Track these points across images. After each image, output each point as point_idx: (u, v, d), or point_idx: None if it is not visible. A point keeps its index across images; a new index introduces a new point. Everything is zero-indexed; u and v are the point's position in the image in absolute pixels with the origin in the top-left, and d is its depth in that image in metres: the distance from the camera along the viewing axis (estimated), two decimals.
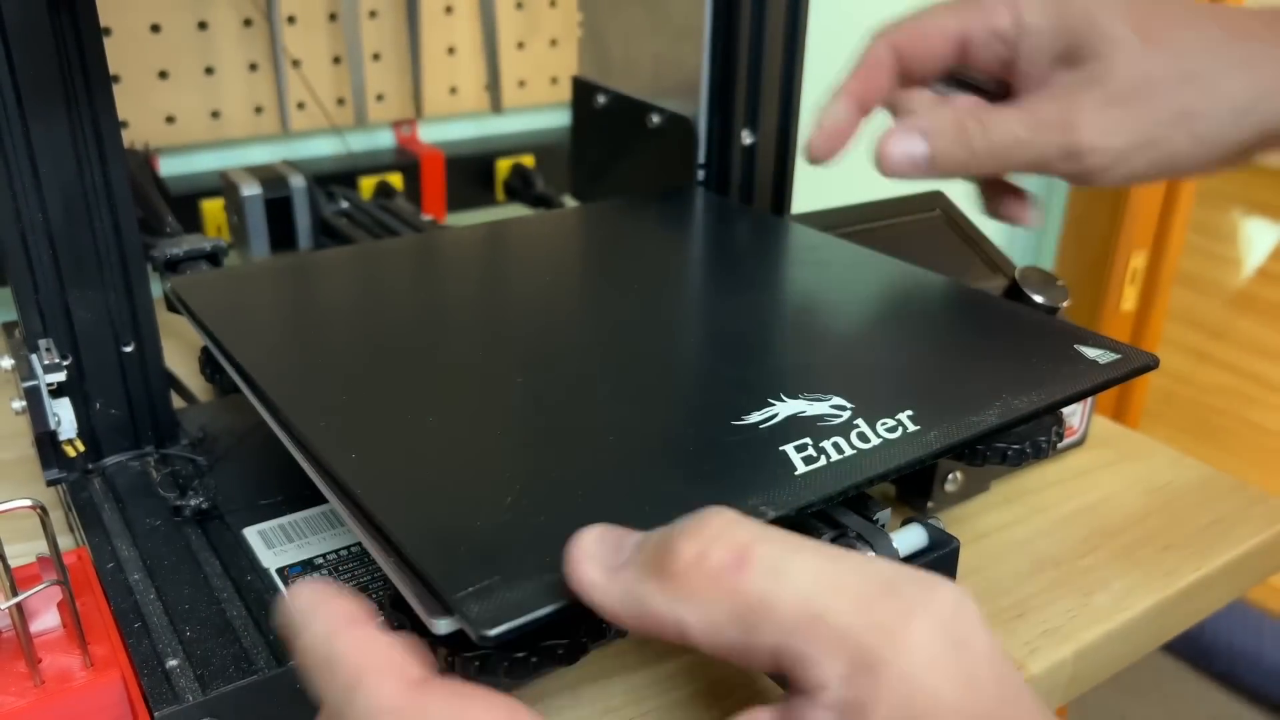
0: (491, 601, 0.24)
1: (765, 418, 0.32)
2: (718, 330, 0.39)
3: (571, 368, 0.37)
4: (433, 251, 0.47)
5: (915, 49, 0.43)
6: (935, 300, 0.42)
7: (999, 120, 0.40)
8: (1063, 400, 0.34)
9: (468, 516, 0.27)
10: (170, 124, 0.71)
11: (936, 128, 0.41)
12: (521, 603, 0.24)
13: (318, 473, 0.31)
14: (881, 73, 0.43)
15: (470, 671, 0.27)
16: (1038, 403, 0.34)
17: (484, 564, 0.25)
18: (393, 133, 0.81)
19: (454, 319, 0.41)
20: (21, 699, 0.31)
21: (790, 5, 0.53)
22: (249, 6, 0.71)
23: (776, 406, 0.33)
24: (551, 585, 0.25)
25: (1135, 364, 0.36)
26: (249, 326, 0.39)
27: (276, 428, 0.33)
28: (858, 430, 0.32)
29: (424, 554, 0.26)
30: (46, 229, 0.38)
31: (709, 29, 0.54)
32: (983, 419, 0.32)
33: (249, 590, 0.35)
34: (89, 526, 0.38)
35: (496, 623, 0.24)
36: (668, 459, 0.30)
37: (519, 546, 0.26)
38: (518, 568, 0.25)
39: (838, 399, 0.33)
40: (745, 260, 0.47)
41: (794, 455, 0.30)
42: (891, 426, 0.32)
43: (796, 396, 0.33)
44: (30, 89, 0.36)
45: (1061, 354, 0.37)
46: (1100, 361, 0.36)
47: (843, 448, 0.31)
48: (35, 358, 0.39)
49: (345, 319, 0.41)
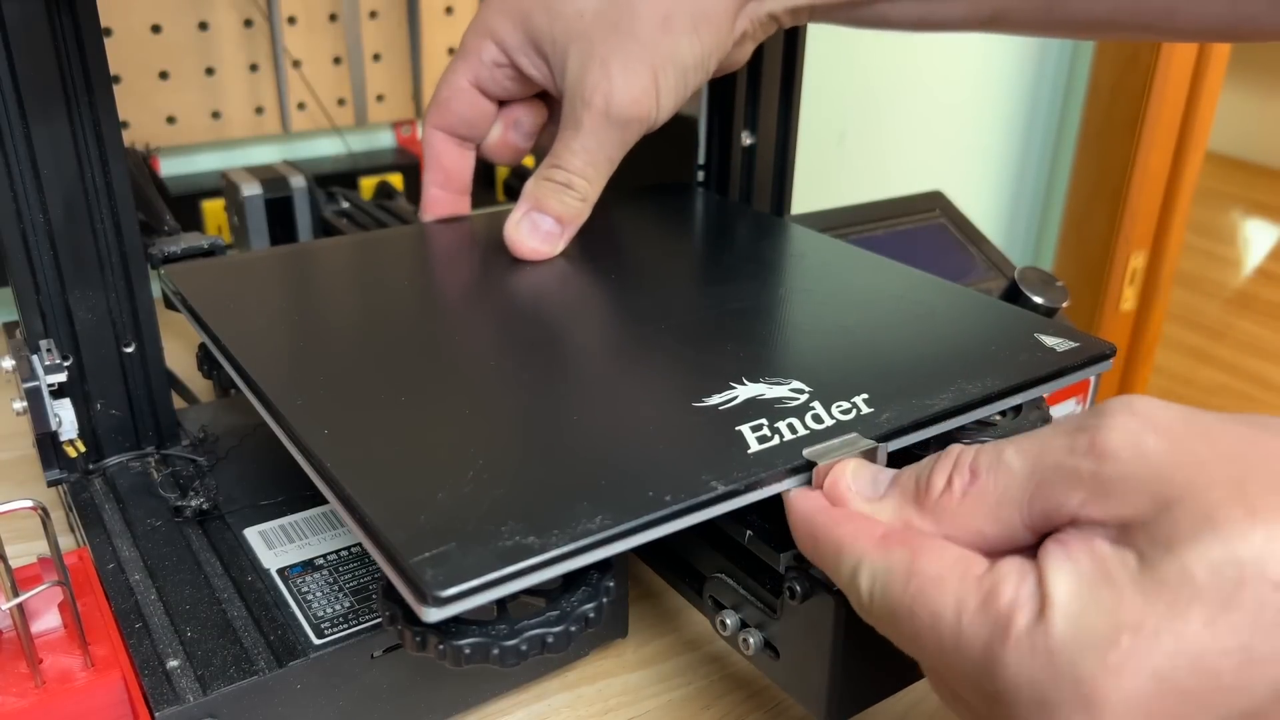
0: (446, 566, 0.25)
1: (725, 400, 0.33)
2: (691, 319, 0.40)
3: (544, 353, 0.38)
4: (425, 242, 0.48)
5: (454, 120, 0.47)
6: (905, 291, 0.43)
7: None
8: (1017, 386, 0.35)
9: (430, 489, 0.28)
10: (171, 124, 0.71)
11: (538, 194, 0.45)
12: (475, 566, 0.25)
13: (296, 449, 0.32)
14: (448, 155, 0.48)
15: (460, 658, 0.27)
16: (991, 388, 0.34)
17: (442, 532, 0.26)
18: (393, 133, 0.81)
19: (437, 307, 0.42)
20: (22, 699, 0.31)
21: None
22: (250, 7, 0.71)
23: (737, 390, 0.34)
24: (505, 551, 0.26)
25: (1092, 352, 0.37)
26: (238, 311, 0.40)
27: (259, 407, 0.34)
28: (813, 412, 0.32)
29: (385, 521, 0.27)
30: (47, 229, 0.38)
31: None
32: (935, 402, 0.33)
33: (250, 590, 0.35)
34: (90, 527, 0.38)
35: (450, 584, 0.25)
36: (627, 437, 0.31)
37: (477, 517, 0.27)
38: (474, 536, 0.26)
39: (797, 383, 0.34)
40: (722, 253, 0.48)
41: (749, 434, 0.31)
42: (846, 409, 0.33)
43: (757, 380, 0.34)
44: (31, 89, 0.36)
45: (1020, 342, 0.37)
46: (1058, 350, 0.37)
47: (796, 428, 0.32)
48: (36, 358, 0.39)
49: (333, 304, 0.42)
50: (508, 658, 0.28)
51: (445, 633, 0.27)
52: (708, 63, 0.44)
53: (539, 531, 0.26)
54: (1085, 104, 1.24)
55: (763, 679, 0.38)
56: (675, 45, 0.42)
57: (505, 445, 0.31)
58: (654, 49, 0.42)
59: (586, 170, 0.44)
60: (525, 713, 0.37)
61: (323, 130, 0.77)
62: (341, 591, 0.35)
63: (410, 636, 0.28)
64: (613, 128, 0.43)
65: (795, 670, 0.31)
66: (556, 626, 0.28)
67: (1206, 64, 1.23)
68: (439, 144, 0.48)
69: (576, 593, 0.29)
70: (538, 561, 0.26)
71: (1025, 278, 0.51)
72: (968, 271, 0.64)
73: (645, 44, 0.42)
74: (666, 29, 0.42)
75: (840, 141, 1.07)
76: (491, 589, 0.25)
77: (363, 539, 0.28)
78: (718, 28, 0.43)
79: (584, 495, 0.28)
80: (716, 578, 0.34)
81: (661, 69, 0.42)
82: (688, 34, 0.42)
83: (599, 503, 0.28)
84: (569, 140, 0.44)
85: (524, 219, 0.45)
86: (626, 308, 0.42)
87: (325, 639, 0.32)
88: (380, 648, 0.33)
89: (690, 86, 0.44)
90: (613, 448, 0.31)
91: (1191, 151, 1.27)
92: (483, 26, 0.45)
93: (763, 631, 0.32)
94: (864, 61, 1.05)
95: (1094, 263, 1.29)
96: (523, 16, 0.44)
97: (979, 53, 1.15)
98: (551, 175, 0.45)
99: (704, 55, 0.43)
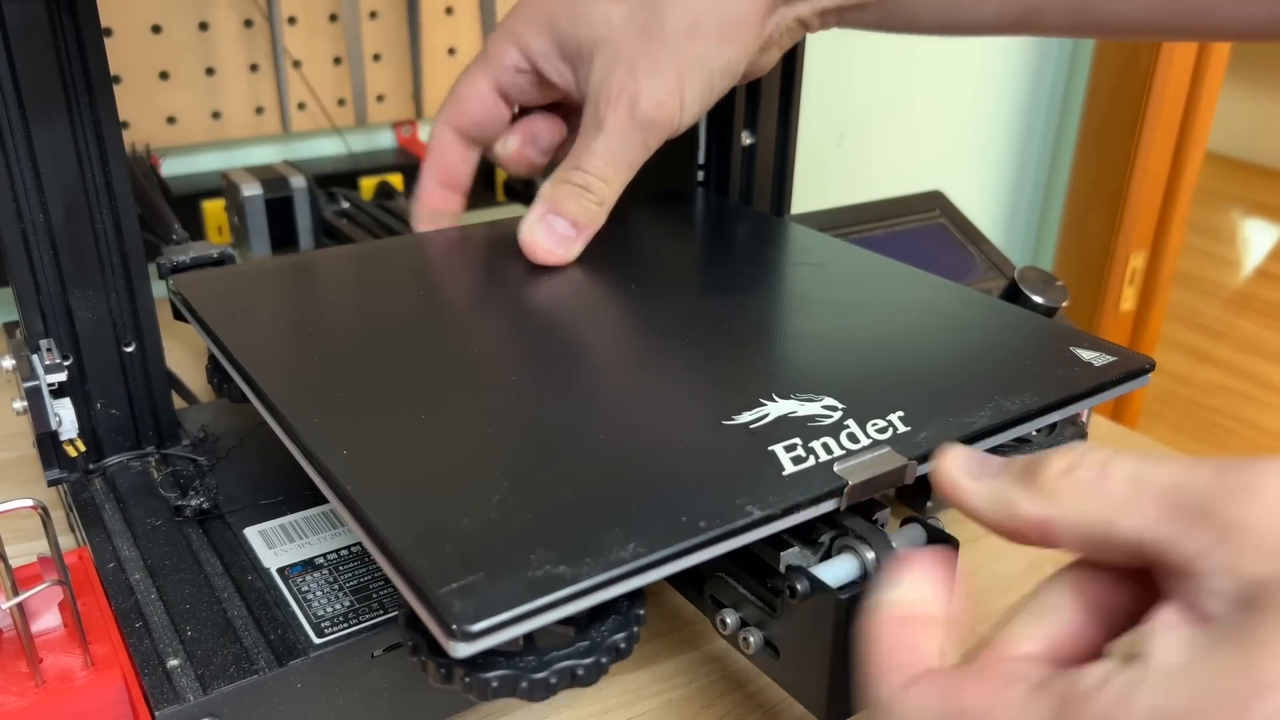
0: (475, 598, 0.24)
1: (756, 418, 0.32)
2: (712, 330, 0.39)
3: (565, 367, 0.36)
4: (432, 251, 0.48)
5: (467, 120, 0.47)
6: (931, 301, 0.42)
7: None
8: (1057, 403, 0.34)
9: (455, 514, 0.27)
10: (171, 124, 0.71)
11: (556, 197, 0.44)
12: (505, 598, 0.24)
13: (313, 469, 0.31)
14: (453, 153, 0.48)
15: (487, 691, 0.26)
16: (1030, 405, 0.33)
17: (469, 560, 0.25)
18: (393, 133, 0.81)
19: (452, 318, 0.41)
20: (23, 699, 0.31)
21: None
22: (250, 7, 0.71)
23: (767, 407, 0.33)
24: (536, 582, 0.25)
25: (1130, 367, 0.36)
26: (249, 323, 0.39)
27: (272, 423, 0.33)
28: (848, 431, 0.32)
29: (409, 549, 0.26)
30: (48, 229, 0.38)
31: None
32: (973, 420, 0.32)
33: (250, 590, 0.35)
34: (90, 526, 0.38)
35: (479, 618, 0.23)
36: (656, 458, 0.30)
37: (505, 544, 0.26)
38: (503, 565, 0.25)
39: (829, 399, 0.33)
40: (742, 261, 0.47)
41: (783, 455, 0.30)
42: (882, 427, 0.32)
43: (788, 397, 0.33)
44: (31, 90, 0.36)
45: (1056, 356, 0.36)
46: (1095, 364, 0.36)
47: (832, 448, 0.31)
48: (36, 358, 0.39)
49: (345, 318, 0.41)
50: (536, 691, 0.27)
51: (471, 665, 0.26)
52: (734, 69, 0.43)
53: (570, 560, 0.25)
54: (1085, 104, 1.24)
55: (762, 678, 0.38)
56: (702, 51, 0.42)
57: (530, 466, 0.30)
58: (681, 54, 0.42)
59: (605, 172, 0.44)
60: (525, 712, 0.37)
61: (323, 130, 0.77)
62: (342, 591, 0.35)
63: (434, 668, 0.27)
64: (636, 130, 0.43)
65: (795, 669, 0.31)
66: (587, 658, 0.27)
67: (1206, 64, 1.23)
68: (447, 140, 0.48)
69: (606, 621, 0.28)
70: (570, 593, 0.25)
71: (1025, 278, 0.51)
72: (967, 271, 0.64)
73: (672, 49, 0.42)
74: (694, 34, 0.42)
75: (840, 141, 1.07)
76: (522, 622, 0.24)
77: (385, 566, 0.26)
78: (745, 34, 0.43)
79: (615, 521, 0.27)
80: (717, 576, 0.34)
81: (688, 74, 0.42)
82: (715, 40, 0.42)
83: (631, 529, 0.27)
84: (590, 141, 0.43)
85: (539, 222, 0.44)
86: (647, 320, 0.41)
87: (325, 638, 0.32)
88: (380, 647, 0.33)
89: (716, 92, 0.44)
90: (642, 469, 0.30)
91: (1191, 151, 1.27)
92: (508, 31, 0.45)
93: (763, 630, 0.32)
94: (864, 61, 1.05)
95: (1094, 263, 1.29)
96: (549, 22, 0.44)
97: (979, 53, 1.15)
98: (570, 177, 0.44)
99: (731, 61, 0.43)
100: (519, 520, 0.27)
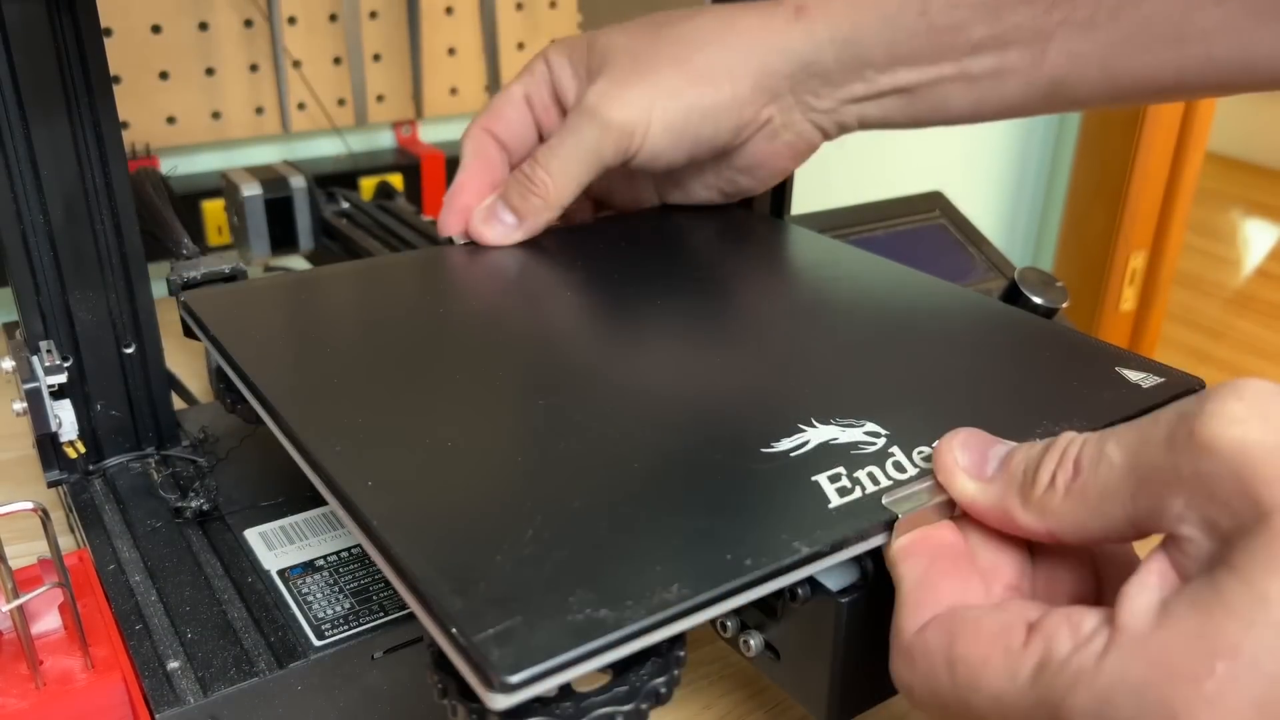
0: (514, 645, 0.23)
1: (796, 445, 0.31)
2: (746, 351, 0.38)
3: (593, 389, 0.35)
4: (449, 266, 0.46)
5: (500, 124, 0.48)
6: (965, 317, 0.40)
7: None
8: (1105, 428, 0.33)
9: (488, 551, 0.26)
10: (171, 124, 0.71)
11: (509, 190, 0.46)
12: (546, 646, 0.23)
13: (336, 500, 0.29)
14: (489, 156, 0.48)
15: None
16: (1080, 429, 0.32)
17: (505, 603, 0.24)
18: (393, 133, 0.81)
19: (472, 337, 0.39)
20: (23, 701, 0.31)
21: None
22: (250, 7, 0.71)
23: (807, 433, 0.31)
24: (577, 627, 0.23)
25: (1179, 388, 0.34)
26: (263, 343, 0.37)
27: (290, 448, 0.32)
28: (894, 459, 0.30)
29: (441, 590, 0.24)
30: (48, 230, 0.38)
31: None
32: None
33: (250, 592, 0.35)
34: (90, 528, 0.38)
35: (519, 668, 0.22)
36: (696, 489, 0.29)
37: (542, 584, 0.25)
38: (541, 608, 0.24)
39: (871, 424, 0.32)
40: (762, 272, 0.46)
41: (827, 486, 0.29)
42: (928, 455, 0.30)
43: (828, 422, 0.32)
44: (31, 90, 0.36)
45: (1103, 377, 0.35)
46: (1143, 385, 0.35)
47: (878, 478, 0.29)
48: (36, 359, 0.39)
49: (362, 337, 0.39)
50: None
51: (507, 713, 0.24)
52: (717, 118, 0.44)
53: (611, 602, 0.24)
54: None
55: (763, 679, 0.38)
56: (683, 84, 0.44)
57: (564, 498, 0.28)
58: (660, 80, 0.44)
59: (554, 167, 0.45)
60: None
61: (323, 130, 0.77)
62: (342, 593, 0.35)
63: (466, 714, 0.25)
64: (593, 129, 0.44)
65: (796, 672, 0.31)
66: (626, 704, 0.25)
67: None
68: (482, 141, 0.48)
69: (646, 665, 0.26)
70: (614, 639, 0.23)
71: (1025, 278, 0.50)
72: (967, 272, 0.64)
73: (656, 74, 0.44)
74: (679, 67, 0.44)
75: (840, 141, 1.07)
76: (563, 671, 0.23)
77: (414, 606, 0.25)
78: (736, 91, 0.44)
79: (656, 558, 0.25)
80: None
81: (662, 100, 0.44)
82: (702, 80, 0.44)
83: (673, 567, 0.25)
84: (550, 140, 0.45)
85: (488, 208, 0.46)
86: (675, 339, 0.39)
87: (326, 640, 0.32)
88: (381, 649, 0.33)
89: (692, 130, 0.44)
90: (680, 501, 0.28)
91: (1191, 151, 1.27)
92: (544, 51, 0.48)
93: (764, 633, 0.32)
94: None
95: (1094, 263, 1.29)
96: (573, 48, 0.47)
97: None
98: (522, 168, 0.46)
99: (713, 108, 0.44)
100: (555, 557, 0.26)
